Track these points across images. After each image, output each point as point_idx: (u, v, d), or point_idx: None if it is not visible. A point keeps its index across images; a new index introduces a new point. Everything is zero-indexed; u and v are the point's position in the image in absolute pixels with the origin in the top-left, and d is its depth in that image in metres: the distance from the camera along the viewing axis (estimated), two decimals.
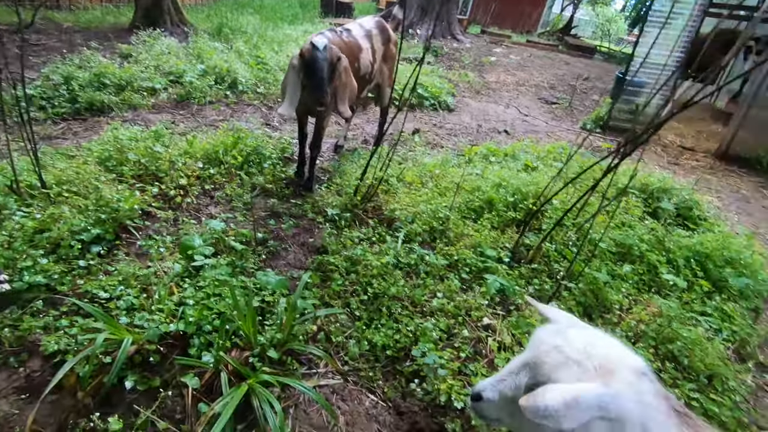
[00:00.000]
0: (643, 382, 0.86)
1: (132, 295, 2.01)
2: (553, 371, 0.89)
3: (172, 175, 3.10)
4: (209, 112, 4.77)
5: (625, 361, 0.89)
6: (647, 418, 0.82)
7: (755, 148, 5.66)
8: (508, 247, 2.74)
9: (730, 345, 2.30)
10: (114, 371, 1.67)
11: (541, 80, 9.03)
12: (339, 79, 2.86)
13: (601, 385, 0.82)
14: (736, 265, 2.67)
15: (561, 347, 0.91)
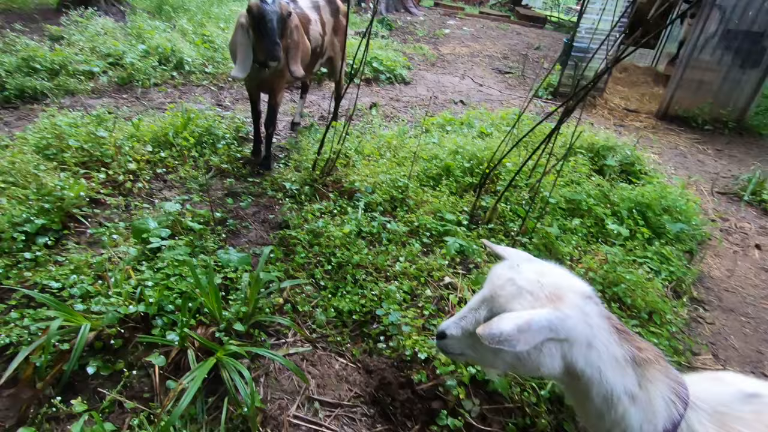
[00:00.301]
0: (589, 305, 0.94)
1: (86, 282, 1.95)
2: (508, 302, 0.94)
3: (119, 161, 2.96)
4: (155, 95, 4.54)
5: (573, 287, 0.96)
6: (592, 336, 0.90)
7: (691, 108, 6.04)
8: (466, 211, 2.83)
9: (668, 284, 2.51)
10: (74, 358, 1.63)
11: (494, 51, 9.15)
12: (291, 36, 2.78)
13: (552, 310, 0.89)
14: (672, 212, 2.89)
15: (514, 280, 0.96)
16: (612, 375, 0.90)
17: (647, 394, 0.89)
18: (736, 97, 5.94)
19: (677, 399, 0.89)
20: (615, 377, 0.89)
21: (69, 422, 1.53)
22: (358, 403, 1.76)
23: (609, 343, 0.91)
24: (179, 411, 1.45)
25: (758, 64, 5.69)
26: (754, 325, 2.45)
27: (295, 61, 2.88)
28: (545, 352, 0.91)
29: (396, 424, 1.67)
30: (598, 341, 0.91)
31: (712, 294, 2.65)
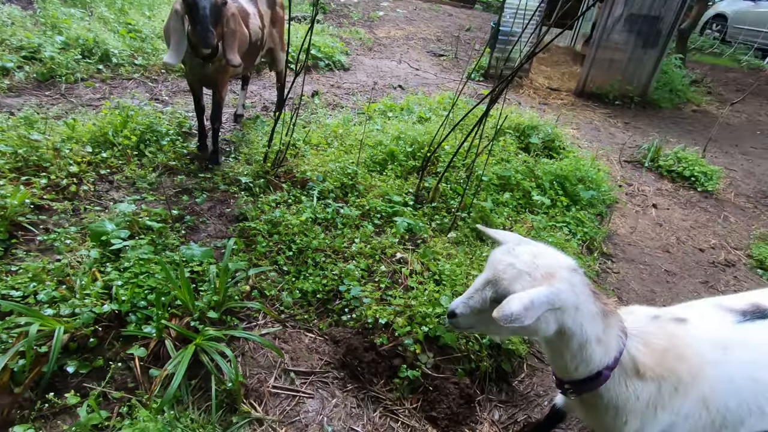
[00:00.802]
0: (575, 276, 1.13)
1: (50, 288, 1.98)
2: (510, 284, 1.09)
3: (59, 164, 2.89)
4: (83, 91, 4.32)
5: (562, 263, 1.14)
6: (579, 301, 1.12)
7: (603, 85, 6.74)
8: (411, 192, 3.11)
9: (583, 243, 2.97)
10: (52, 359, 1.71)
11: (428, 33, 9.42)
12: (227, 25, 2.80)
13: (547, 287, 1.06)
14: (585, 181, 3.36)
15: (514, 264, 1.11)
16: (589, 327, 1.13)
17: (608, 336, 1.15)
18: (639, 75, 6.70)
19: (622, 333, 1.17)
20: (591, 328, 1.13)
21: (60, 417, 1.63)
22: (329, 369, 1.99)
23: (589, 304, 1.13)
24: (170, 395, 1.60)
25: (656, 45, 6.45)
26: (649, 271, 2.99)
27: (232, 50, 2.89)
28: (543, 320, 1.09)
29: (364, 382, 1.94)
30: (582, 304, 1.11)
31: (618, 248, 3.16)
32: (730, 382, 1.17)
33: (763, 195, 4.36)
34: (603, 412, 1.22)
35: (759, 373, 1.18)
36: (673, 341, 1.18)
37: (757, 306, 1.29)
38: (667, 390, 1.14)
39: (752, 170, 4.90)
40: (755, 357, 1.19)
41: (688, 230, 3.55)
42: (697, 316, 1.27)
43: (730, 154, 5.32)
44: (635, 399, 1.15)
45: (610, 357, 1.14)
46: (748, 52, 11.39)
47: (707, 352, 1.18)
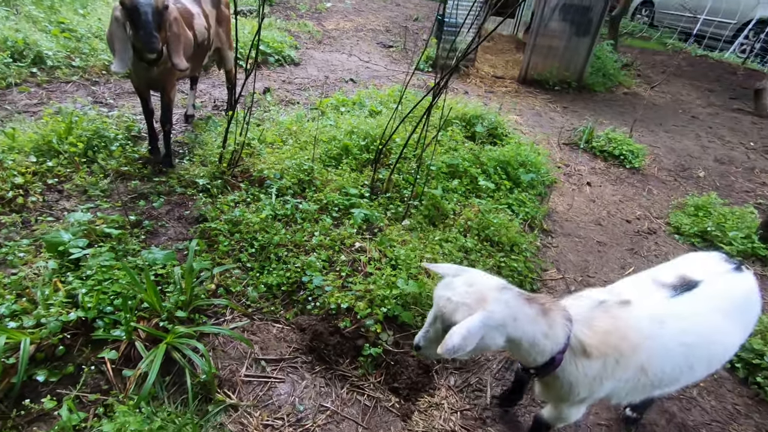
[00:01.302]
0: (505, 293, 1.27)
1: (9, 301, 1.98)
2: (452, 316, 1.25)
3: (2, 176, 2.80)
4: (17, 97, 4.12)
5: (491, 286, 1.30)
6: (514, 313, 1.29)
7: (543, 72, 7.14)
8: (366, 184, 3.26)
9: (525, 222, 3.26)
10: (21, 370, 1.74)
11: (377, 24, 9.51)
12: (170, 29, 2.78)
13: (481, 312, 1.21)
14: (526, 165, 3.65)
15: (450, 297, 1.27)
16: (532, 329, 1.30)
17: (554, 329, 1.32)
18: (575, 61, 7.14)
19: (567, 321, 1.35)
20: (534, 329, 1.31)
21: (36, 423, 1.67)
22: (298, 354, 2.14)
23: (524, 311, 1.28)
24: (145, 391, 1.69)
25: (588, 33, 6.90)
26: (584, 243, 3.33)
27: (178, 54, 2.88)
28: (489, 338, 1.24)
29: (331, 363, 2.10)
30: (519, 314, 1.27)
31: (557, 224, 3.49)
32: (666, 350, 1.40)
33: (682, 168, 4.88)
34: (559, 388, 1.43)
35: (688, 339, 1.42)
36: (616, 323, 1.37)
37: (683, 278, 1.52)
38: (610, 364, 1.35)
39: (673, 146, 5.44)
40: (685, 326, 1.42)
41: (617, 204, 3.94)
42: (639, 297, 1.46)
43: (654, 132, 5.86)
44: (584, 375, 1.36)
45: (560, 344, 1.33)
46: (673, 36, 12.35)
47: (646, 327, 1.39)
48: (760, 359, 2.29)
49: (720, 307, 1.48)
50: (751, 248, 3.30)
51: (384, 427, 1.90)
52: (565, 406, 1.51)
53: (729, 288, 1.53)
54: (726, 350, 1.53)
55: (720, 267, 1.58)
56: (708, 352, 1.47)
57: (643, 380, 1.42)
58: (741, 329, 1.54)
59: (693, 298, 1.46)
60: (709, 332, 1.45)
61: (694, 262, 1.63)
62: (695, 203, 3.81)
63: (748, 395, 2.28)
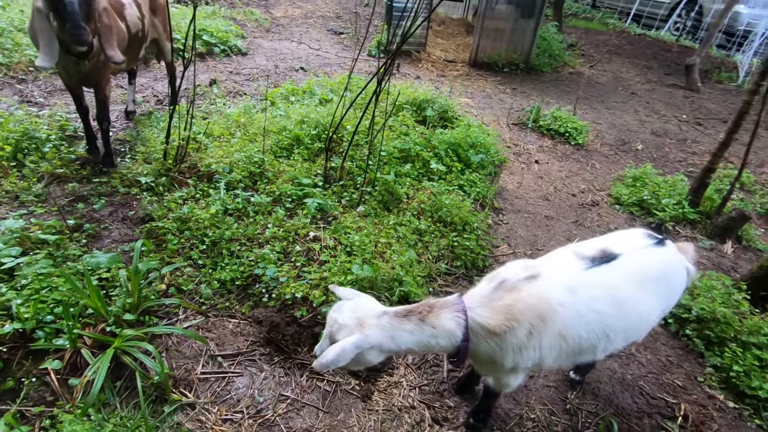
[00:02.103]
0: (382, 318, 1.40)
1: None
2: (335, 335, 1.39)
3: None
4: None
5: (371, 313, 1.42)
6: (390, 333, 1.39)
7: (492, 54, 7.28)
8: (319, 173, 3.25)
9: (476, 201, 3.36)
10: None
11: (326, 10, 9.34)
12: (100, 20, 2.59)
13: (356, 335, 1.35)
14: (476, 146, 3.74)
15: (336, 320, 1.41)
16: (416, 338, 1.41)
17: (442, 328, 1.41)
18: (522, 43, 7.33)
19: (458, 314, 1.43)
20: (419, 337, 1.41)
21: None
22: (255, 347, 2.13)
23: (403, 327, 1.40)
24: (92, 398, 1.64)
25: (533, 15, 7.08)
26: (533, 218, 3.48)
27: (111, 46, 2.68)
28: (368, 355, 1.39)
29: (289, 353, 2.11)
30: (396, 332, 1.40)
31: (507, 202, 3.62)
32: (579, 316, 1.50)
33: (622, 142, 5.16)
34: (485, 363, 1.57)
35: (600, 308, 1.52)
36: (518, 296, 1.45)
37: (604, 251, 1.62)
38: (522, 334, 1.44)
39: (614, 122, 5.74)
40: (596, 294, 1.52)
41: (563, 179, 4.13)
42: (552, 269, 1.56)
43: (597, 109, 6.15)
44: (500, 349, 1.46)
45: (458, 336, 1.43)
46: (614, 16, 12.89)
47: (557, 296, 1.48)
48: (688, 313, 2.51)
49: (636, 279, 1.58)
50: (681, 213, 3.56)
51: (345, 409, 1.94)
52: (501, 374, 1.61)
53: (647, 261, 1.63)
54: (641, 320, 1.63)
55: (641, 242, 1.69)
56: (623, 322, 1.57)
57: (564, 346, 1.52)
58: (658, 300, 1.64)
59: (609, 269, 1.56)
60: (623, 302, 1.54)
61: (618, 238, 1.74)
62: (633, 175, 4.06)
63: (679, 347, 2.50)
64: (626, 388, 2.23)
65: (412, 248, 2.69)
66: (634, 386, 2.24)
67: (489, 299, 1.47)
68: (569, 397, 2.14)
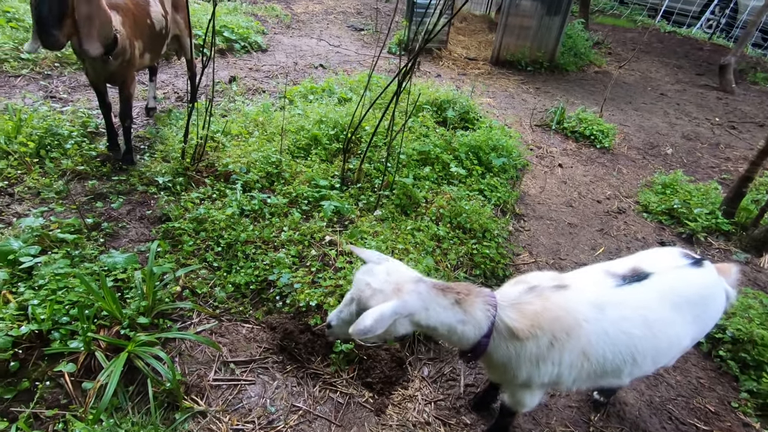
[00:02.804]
0: (420, 285, 1.33)
1: None
2: (368, 301, 1.30)
3: None
4: None
5: (408, 277, 1.34)
6: (426, 303, 1.32)
7: (516, 52, 7.10)
8: (337, 175, 3.19)
9: (497, 207, 3.25)
10: None
11: (347, 6, 9.27)
12: (79, 13, 2.36)
13: (395, 300, 1.27)
14: (498, 149, 3.63)
15: (370, 284, 1.32)
16: (446, 317, 1.34)
17: (472, 316, 1.35)
18: (547, 41, 7.12)
19: (490, 307, 1.36)
20: (448, 317, 1.34)
21: None
22: (268, 354, 2.10)
23: (438, 301, 1.34)
24: (105, 403, 1.63)
25: (559, 12, 6.87)
26: (555, 225, 3.36)
27: (89, 37, 2.45)
28: (398, 325, 1.31)
29: (302, 361, 2.07)
30: (431, 304, 1.33)
31: (529, 208, 3.50)
32: (606, 336, 1.41)
33: (651, 146, 4.96)
34: (496, 368, 1.48)
35: (630, 329, 1.43)
36: (546, 305, 1.38)
37: (635, 270, 1.53)
38: (543, 345, 1.37)
39: (642, 124, 5.52)
40: (627, 314, 1.43)
41: (588, 185, 3.99)
42: (580, 283, 1.48)
43: (624, 110, 5.93)
44: (516, 356, 1.38)
45: (483, 329, 1.36)
46: (643, 12, 12.46)
47: (583, 311, 1.40)
48: (722, 333, 2.37)
49: (669, 300, 1.47)
50: (715, 224, 3.39)
51: (358, 423, 1.89)
52: (517, 390, 1.52)
53: (682, 282, 1.53)
54: (672, 344, 1.52)
55: (676, 261, 1.58)
56: (653, 345, 1.46)
57: (586, 366, 1.43)
58: (692, 324, 1.53)
59: (640, 288, 1.47)
60: (653, 323, 1.44)
61: (652, 256, 1.64)
62: (662, 181, 3.88)
63: (711, 368, 2.36)
64: (654, 412, 2.11)
65: (430, 255, 2.62)
66: (662, 410, 2.13)
67: (518, 302, 1.40)
68: (593, 419, 2.05)
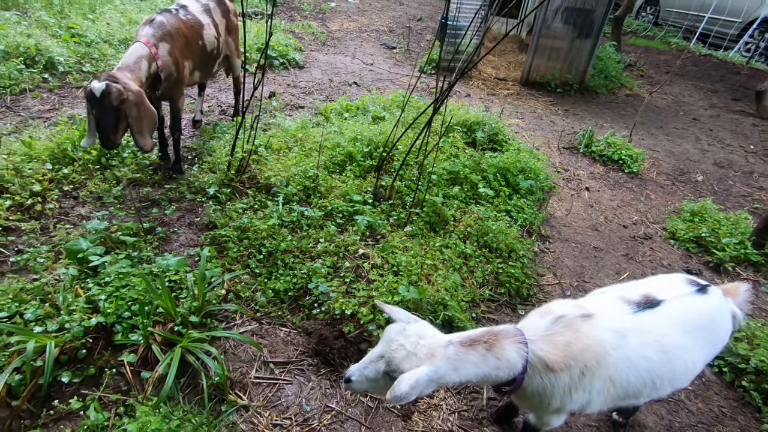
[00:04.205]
0: (449, 349, 1.37)
1: (34, 307, 2.11)
2: (401, 363, 1.33)
3: (20, 184, 2.93)
4: (30, 102, 4.25)
5: (439, 342, 1.39)
6: (455, 366, 1.38)
7: (546, 74, 7.19)
8: (369, 191, 3.37)
9: (523, 228, 3.35)
10: (47, 372, 1.87)
11: (380, 24, 9.58)
12: (131, 116, 2.63)
13: (429, 366, 1.31)
14: (525, 171, 3.74)
15: (404, 345, 1.35)
16: (477, 369, 1.38)
17: (505, 359, 1.41)
18: (577, 63, 7.19)
19: (521, 345, 1.43)
20: (481, 369, 1.40)
21: (62, 422, 1.80)
22: (304, 357, 2.26)
23: (467, 359, 1.38)
24: (166, 390, 1.82)
25: (590, 35, 6.95)
26: (580, 248, 3.42)
27: (142, 136, 2.74)
28: (427, 388, 1.35)
29: (336, 366, 2.22)
30: (460, 365, 1.37)
31: (555, 230, 3.58)
32: (629, 361, 1.50)
33: (681, 172, 4.95)
34: (530, 399, 1.55)
35: (649, 353, 1.52)
36: (577, 335, 1.46)
37: (647, 297, 1.62)
38: (576, 375, 1.44)
39: (673, 150, 5.50)
40: (646, 340, 1.53)
41: (614, 209, 4.03)
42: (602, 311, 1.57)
43: (654, 135, 5.92)
44: (551, 387, 1.46)
45: (517, 368, 1.43)
46: (678, 34, 12.32)
47: (609, 339, 1.49)
48: (745, 364, 2.39)
49: (681, 326, 1.56)
50: (743, 254, 3.38)
51: (386, 426, 2.02)
52: (544, 414, 1.62)
53: (691, 308, 1.61)
54: (687, 367, 1.60)
55: (682, 288, 1.67)
56: (670, 369, 1.55)
57: (612, 391, 1.51)
58: (703, 348, 1.62)
59: (654, 315, 1.56)
60: (669, 348, 1.53)
61: (659, 283, 1.73)
62: (691, 209, 3.89)
63: (734, 398, 2.38)
64: None
65: (457, 272, 2.74)
66: None
67: (549, 333, 1.46)
68: None
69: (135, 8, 6.80)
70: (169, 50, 3.02)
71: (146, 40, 2.88)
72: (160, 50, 2.94)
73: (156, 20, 3.00)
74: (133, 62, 2.78)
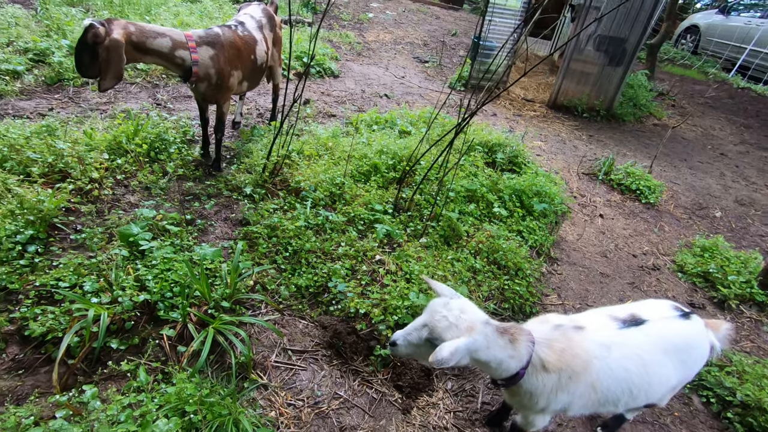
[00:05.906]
0: (487, 327, 1.54)
1: (92, 281, 2.43)
2: (443, 333, 1.50)
3: (82, 170, 3.30)
4: (89, 95, 4.68)
5: (479, 318, 1.56)
6: (489, 344, 1.58)
7: (574, 98, 7.31)
8: (390, 201, 3.61)
9: (533, 248, 3.53)
10: (101, 338, 2.17)
11: (415, 37, 9.86)
12: (101, 57, 2.77)
13: (468, 338, 1.48)
14: (541, 195, 3.91)
15: (447, 317, 1.52)
16: (500, 353, 1.55)
17: (519, 351, 1.61)
18: (606, 89, 7.28)
19: (531, 344, 1.63)
20: (502, 354, 1.59)
21: (111, 380, 2.10)
22: (319, 348, 2.51)
23: (497, 341, 1.55)
24: (200, 362, 2.10)
25: (622, 63, 7.03)
26: (587, 273, 3.57)
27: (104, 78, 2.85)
28: (462, 358, 1.51)
29: (347, 359, 2.46)
30: (492, 344, 1.54)
31: (564, 253, 3.74)
32: (610, 371, 1.69)
33: (699, 207, 5.00)
34: (522, 396, 1.74)
35: (628, 365, 1.71)
36: (570, 343, 1.66)
37: (633, 316, 1.82)
38: (564, 378, 1.64)
39: (694, 184, 5.54)
40: (627, 353, 1.71)
41: (626, 238, 4.15)
42: (592, 325, 1.77)
43: (677, 167, 5.96)
44: (543, 386, 1.65)
45: (523, 362, 1.62)
46: (716, 65, 12.14)
47: (595, 350, 1.68)
48: (732, 397, 2.51)
49: (660, 345, 1.74)
50: (749, 293, 3.46)
51: (387, 417, 2.24)
52: (530, 413, 1.81)
53: (671, 330, 1.79)
54: (662, 382, 1.78)
55: (667, 312, 1.85)
56: (646, 381, 1.73)
57: (592, 396, 1.70)
58: (678, 368, 1.80)
59: (637, 332, 1.74)
60: (647, 363, 1.71)
61: (647, 306, 1.91)
62: (702, 244, 3.97)
63: (719, 428, 2.50)
64: None
65: (465, 284, 2.94)
66: None
67: (550, 338, 1.66)
68: None
69: (187, 10, 7.28)
70: (212, 55, 3.24)
71: (189, 34, 3.11)
72: (200, 51, 3.16)
73: (213, 30, 3.31)
74: (153, 31, 3.00)
